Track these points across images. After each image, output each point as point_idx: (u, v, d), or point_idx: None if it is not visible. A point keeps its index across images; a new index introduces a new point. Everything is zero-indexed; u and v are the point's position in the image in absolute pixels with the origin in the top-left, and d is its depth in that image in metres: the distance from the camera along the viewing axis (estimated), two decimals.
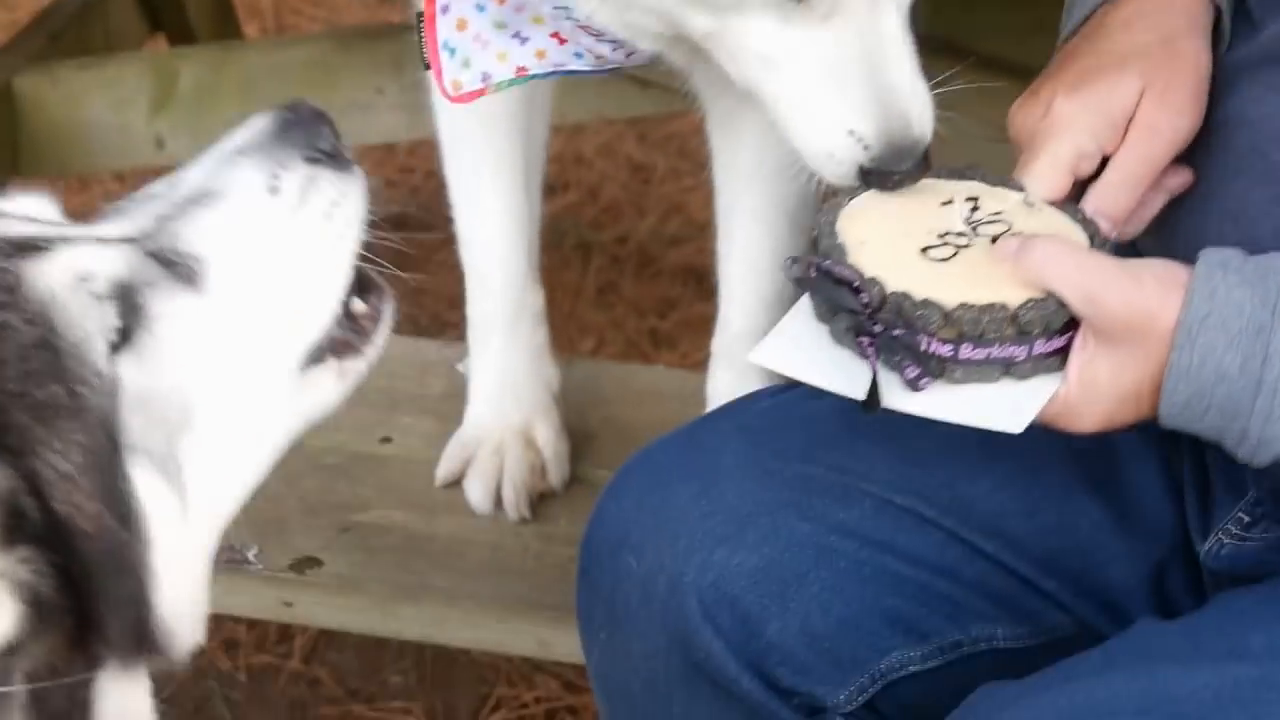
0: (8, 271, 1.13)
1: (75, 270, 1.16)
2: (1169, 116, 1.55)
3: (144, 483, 1.16)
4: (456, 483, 2.04)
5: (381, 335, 1.30)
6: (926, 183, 1.56)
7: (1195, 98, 1.58)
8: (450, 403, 2.10)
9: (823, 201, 1.59)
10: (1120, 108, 1.53)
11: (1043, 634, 1.66)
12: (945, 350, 1.41)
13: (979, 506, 1.66)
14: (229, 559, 1.90)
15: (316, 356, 1.25)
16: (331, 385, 1.28)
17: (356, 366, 1.28)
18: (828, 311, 1.45)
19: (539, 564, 1.89)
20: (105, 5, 2.97)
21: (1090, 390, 1.44)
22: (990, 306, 1.40)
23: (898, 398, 1.42)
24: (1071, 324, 1.43)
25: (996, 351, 1.41)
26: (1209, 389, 1.42)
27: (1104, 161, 1.56)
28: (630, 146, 3.56)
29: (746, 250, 2.06)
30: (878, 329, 1.42)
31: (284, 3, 3.98)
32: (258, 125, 1.26)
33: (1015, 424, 1.42)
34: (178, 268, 1.21)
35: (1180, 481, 1.71)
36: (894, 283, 1.42)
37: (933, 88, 1.67)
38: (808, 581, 1.61)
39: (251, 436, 1.26)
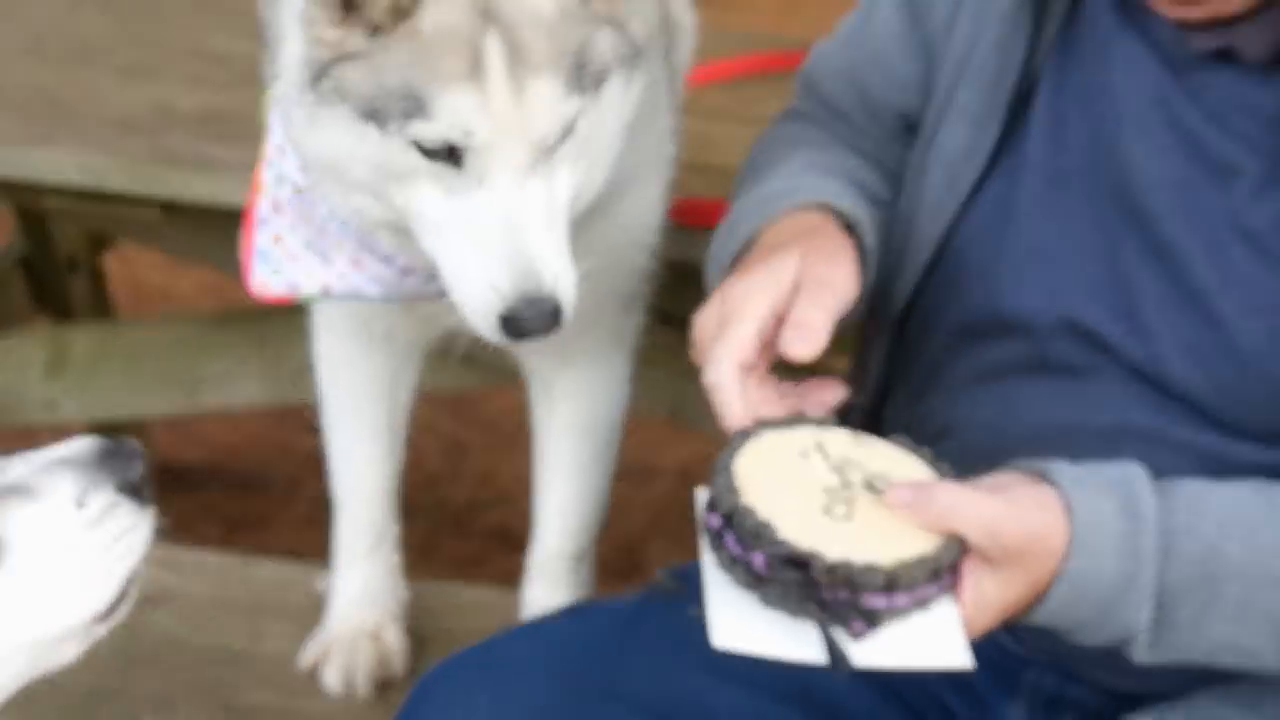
0: None
1: None
2: (831, 266, 1.65)
3: None
4: (313, 670, 2.23)
5: (121, 614, 1.37)
6: (777, 439, 1.56)
7: (849, 257, 1.70)
8: (307, 612, 2.30)
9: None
10: (787, 276, 1.61)
11: None
12: (881, 603, 1.44)
13: (716, 707, 1.74)
14: None
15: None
16: (73, 650, 1.37)
17: (98, 632, 1.37)
18: (749, 578, 1.47)
19: None
20: (6, 288, 3.14)
21: (981, 608, 1.49)
22: (921, 560, 1.45)
23: (858, 654, 1.45)
24: (959, 559, 1.49)
25: (919, 594, 1.46)
26: (1089, 592, 1.51)
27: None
28: (448, 423, 3.71)
29: (561, 489, 2.23)
30: (825, 595, 1.43)
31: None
32: (86, 445, 1.36)
33: (964, 660, 1.46)
34: None
35: (915, 701, 1.81)
36: (828, 551, 1.44)
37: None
38: None
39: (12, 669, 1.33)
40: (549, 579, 2.27)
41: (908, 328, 1.87)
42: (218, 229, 2.56)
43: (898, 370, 1.88)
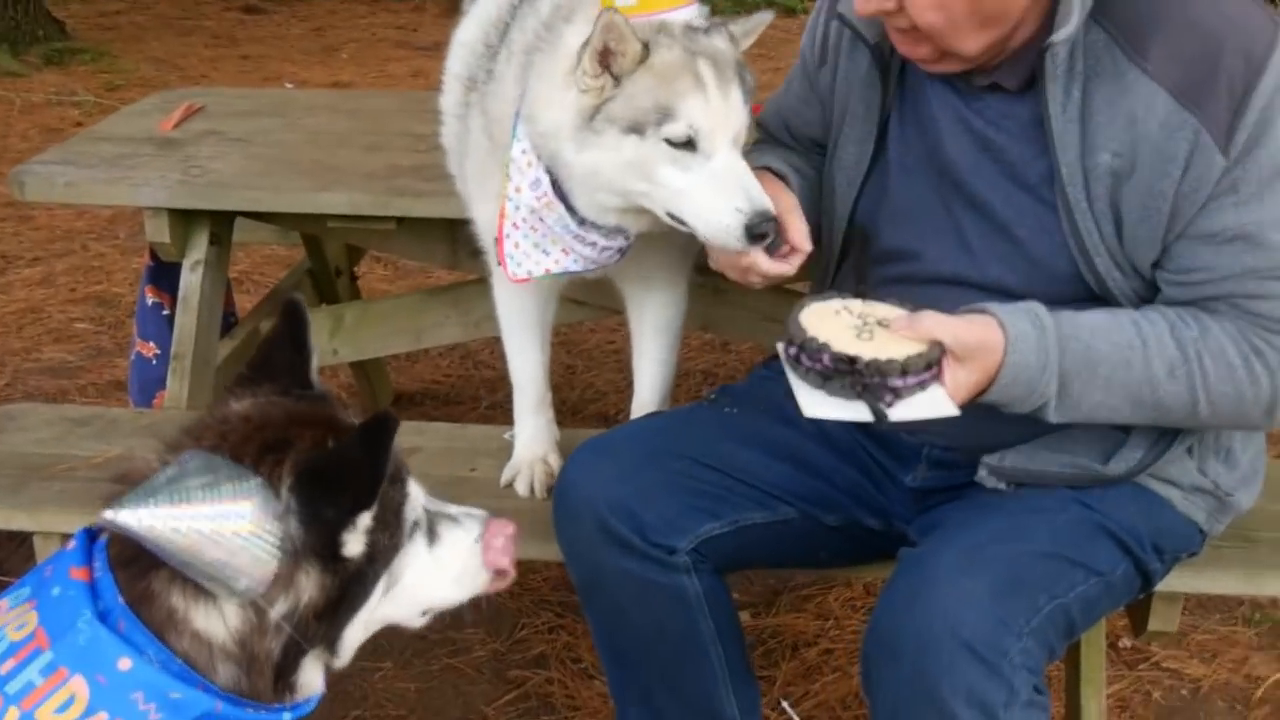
0: (394, 496, 1.34)
1: (415, 500, 1.38)
2: (783, 195, 1.73)
3: (379, 581, 1.34)
4: (509, 485, 2.17)
5: (508, 579, 1.45)
6: (820, 306, 1.58)
7: (787, 190, 1.74)
8: (501, 451, 2.25)
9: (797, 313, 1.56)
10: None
11: (779, 516, 1.80)
12: (900, 383, 1.47)
13: (740, 461, 1.79)
14: None
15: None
16: (459, 595, 1.44)
17: (497, 585, 1.46)
18: (819, 378, 1.48)
19: (551, 514, 1.89)
20: (299, 290, 3.07)
21: (958, 387, 1.52)
22: (920, 355, 1.47)
23: (892, 413, 1.46)
24: (941, 357, 1.51)
25: (921, 377, 1.48)
26: (1021, 375, 1.53)
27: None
28: (563, 355, 3.67)
29: (649, 358, 2.15)
30: (866, 381, 1.46)
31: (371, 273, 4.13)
32: (482, 514, 1.47)
33: (953, 411, 1.49)
34: (431, 532, 1.41)
35: (862, 460, 1.83)
36: (864, 354, 1.46)
37: None
38: (660, 494, 1.75)
39: (412, 603, 1.41)
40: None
41: (841, 262, 1.88)
42: (427, 233, 2.63)
43: (835, 283, 1.87)
